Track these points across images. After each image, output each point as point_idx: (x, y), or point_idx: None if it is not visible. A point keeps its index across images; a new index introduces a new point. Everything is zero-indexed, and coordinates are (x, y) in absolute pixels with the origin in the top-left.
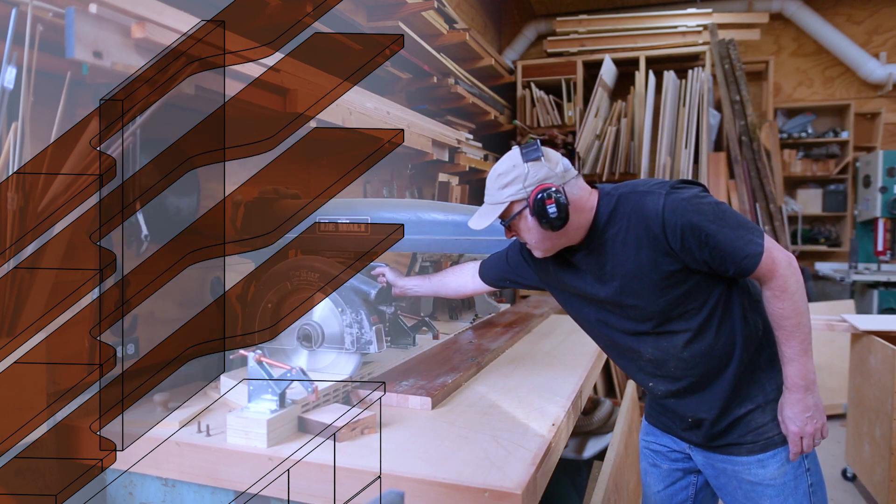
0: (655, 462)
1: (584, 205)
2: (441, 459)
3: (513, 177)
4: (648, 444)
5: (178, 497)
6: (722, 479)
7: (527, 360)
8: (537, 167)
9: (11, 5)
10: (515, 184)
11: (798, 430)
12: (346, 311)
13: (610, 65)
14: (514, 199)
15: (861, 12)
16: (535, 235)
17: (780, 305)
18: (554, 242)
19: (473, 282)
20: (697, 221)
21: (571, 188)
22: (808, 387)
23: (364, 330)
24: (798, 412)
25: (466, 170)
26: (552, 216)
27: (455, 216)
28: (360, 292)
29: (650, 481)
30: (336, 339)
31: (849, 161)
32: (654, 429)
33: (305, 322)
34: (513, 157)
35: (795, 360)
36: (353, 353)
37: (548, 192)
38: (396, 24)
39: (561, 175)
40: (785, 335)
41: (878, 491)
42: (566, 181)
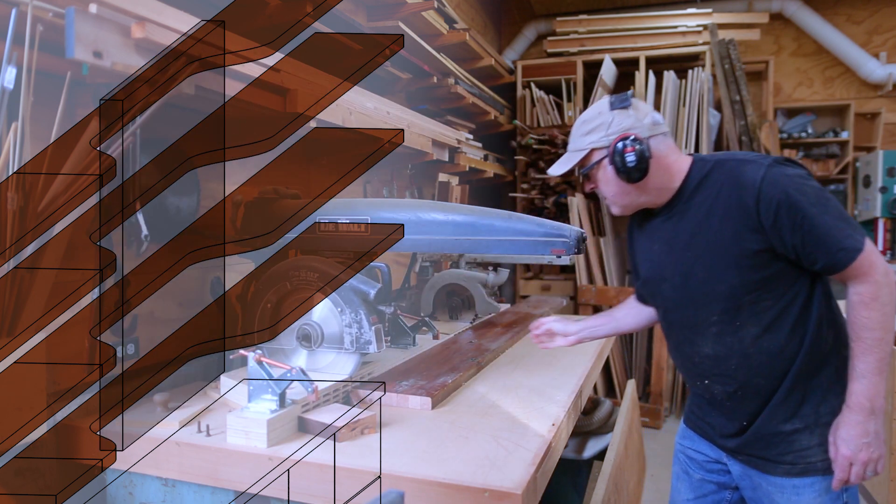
0: (688, 469)
1: (669, 163)
2: (441, 459)
3: (597, 123)
4: (684, 449)
5: (178, 497)
6: (759, 492)
7: (527, 360)
8: (623, 115)
9: (11, 5)
10: (598, 131)
11: (850, 455)
12: (345, 311)
13: (610, 65)
14: (596, 146)
15: (861, 12)
16: (612, 188)
17: (867, 315)
18: (633, 199)
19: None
20: (797, 200)
21: (658, 143)
22: (873, 410)
23: (363, 330)
24: (855, 435)
25: (466, 170)
26: (630, 165)
27: (455, 216)
28: (360, 292)
29: (681, 487)
30: (335, 338)
31: (849, 161)
32: (693, 433)
33: (305, 322)
34: (600, 104)
35: (867, 377)
36: (352, 353)
37: (629, 141)
38: (396, 24)
39: (648, 127)
40: (863, 348)
41: (877, 491)
42: (653, 134)
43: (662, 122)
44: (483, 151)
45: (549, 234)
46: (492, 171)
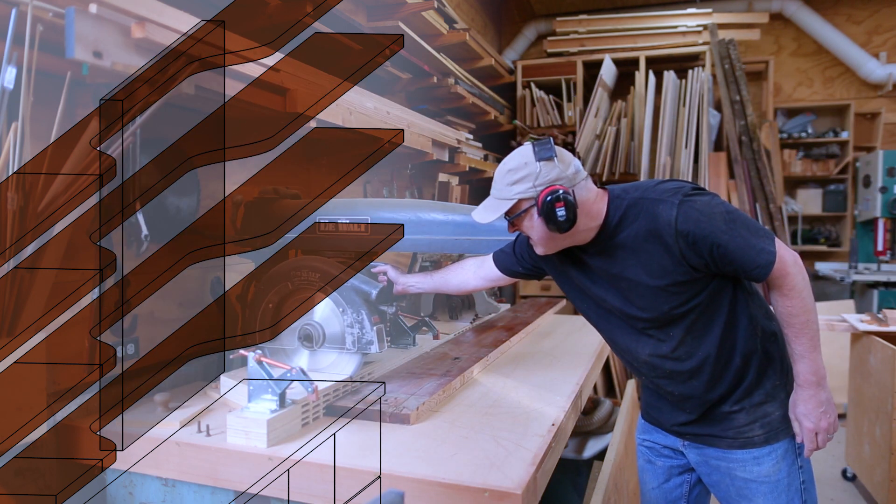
0: (650, 459)
1: (591, 207)
2: (441, 459)
3: (523, 174)
4: (643, 442)
5: (178, 497)
6: (714, 476)
7: (527, 360)
8: (549, 167)
9: (11, 5)
10: (525, 182)
11: (813, 427)
12: (347, 311)
13: (610, 65)
14: (523, 196)
15: (861, 12)
16: (539, 233)
17: (790, 304)
18: (558, 242)
19: (475, 278)
20: (710, 232)
21: (581, 190)
22: (819, 382)
23: (365, 330)
24: (812, 408)
25: (466, 170)
26: (560, 219)
27: (455, 216)
28: (361, 292)
29: (646, 478)
30: (337, 339)
31: (849, 161)
32: (649, 426)
33: (306, 322)
34: (525, 153)
35: (806, 356)
36: (354, 353)
37: (557, 195)
38: (396, 24)
39: (571, 177)
40: (794, 332)
41: (877, 491)
42: (576, 183)
43: (582, 168)
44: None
45: None
46: (492, 171)
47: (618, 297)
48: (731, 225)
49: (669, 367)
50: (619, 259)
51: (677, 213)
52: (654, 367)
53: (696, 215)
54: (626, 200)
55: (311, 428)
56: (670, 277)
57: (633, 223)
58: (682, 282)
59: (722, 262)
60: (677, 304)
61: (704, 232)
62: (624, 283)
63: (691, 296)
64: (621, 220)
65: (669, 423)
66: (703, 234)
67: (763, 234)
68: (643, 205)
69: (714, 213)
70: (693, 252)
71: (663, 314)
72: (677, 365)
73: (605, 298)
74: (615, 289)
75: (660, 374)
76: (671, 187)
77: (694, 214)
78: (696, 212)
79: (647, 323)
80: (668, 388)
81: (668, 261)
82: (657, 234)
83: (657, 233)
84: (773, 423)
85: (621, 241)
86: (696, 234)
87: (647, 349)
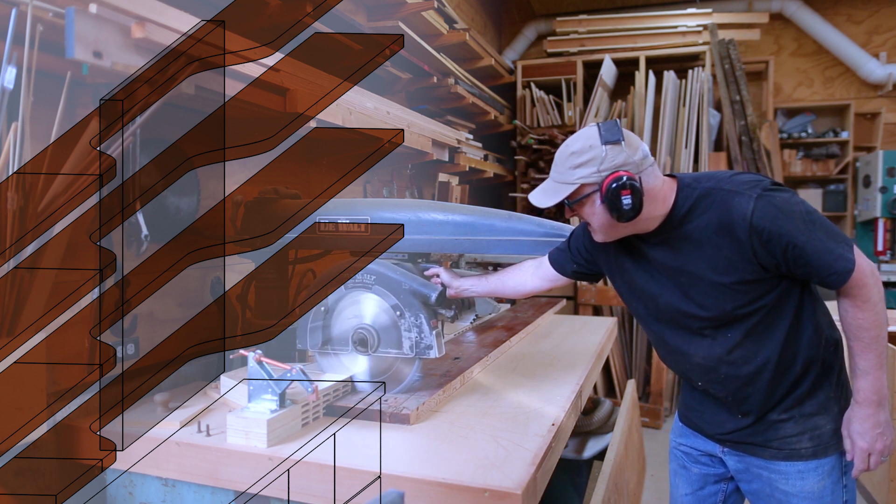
0: (685, 464)
1: (658, 195)
2: (441, 459)
3: (587, 157)
4: (679, 446)
5: (178, 497)
6: (755, 484)
7: (527, 360)
8: (615, 151)
9: (11, 5)
10: (589, 166)
11: (867, 447)
12: (405, 315)
13: (610, 65)
14: (586, 181)
15: (861, 12)
16: (600, 221)
17: (862, 316)
18: (619, 230)
19: (533, 278)
20: (787, 230)
21: (647, 177)
22: (880, 402)
23: (424, 334)
24: (868, 427)
25: (466, 170)
26: (625, 207)
27: (455, 216)
28: (420, 295)
29: (679, 483)
30: (393, 343)
31: (849, 161)
32: (687, 430)
33: (360, 326)
34: (590, 135)
35: (871, 373)
36: (411, 357)
37: (623, 182)
38: (396, 24)
39: (639, 162)
40: (862, 347)
41: (878, 491)
42: (643, 169)
43: (649, 154)
44: (483, 151)
45: (549, 234)
46: (492, 171)
47: (675, 294)
48: (811, 226)
49: (724, 371)
50: (682, 251)
51: (754, 207)
52: (708, 370)
53: (773, 212)
54: (698, 190)
55: (311, 428)
56: (737, 275)
57: (704, 214)
58: (748, 280)
59: (795, 265)
60: (742, 303)
61: (781, 230)
62: (685, 277)
63: (757, 296)
64: (690, 210)
65: (712, 429)
66: (780, 232)
67: (842, 240)
68: (717, 195)
69: (794, 211)
70: (765, 250)
71: (725, 313)
72: (733, 369)
73: (660, 294)
74: (673, 283)
75: (712, 378)
76: (748, 179)
77: (772, 210)
78: (774, 208)
79: (704, 322)
80: (720, 392)
81: (736, 257)
82: (729, 227)
83: (729, 226)
84: (822, 437)
85: (688, 232)
86: (771, 231)
87: (702, 351)
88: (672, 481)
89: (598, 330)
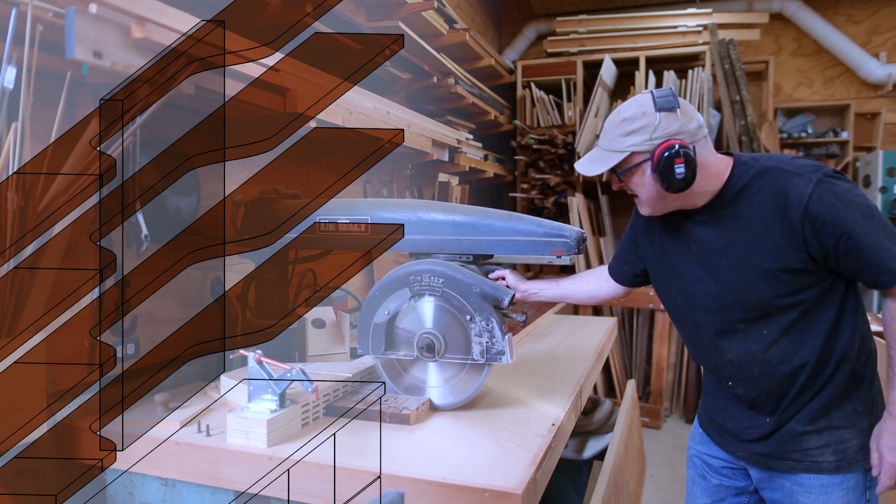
0: (704, 474)
1: (709, 167)
2: (441, 459)
3: (640, 125)
4: (698, 454)
5: (178, 497)
6: (777, 493)
7: (527, 360)
8: (670, 118)
9: (11, 5)
10: (641, 133)
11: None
12: (475, 319)
13: (610, 65)
14: (637, 149)
15: (861, 12)
16: (649, 192)
17: None
18: (668, 203)
19: (608, 285)
20: (844, 220)
21: (701, 148)
22: None
23: (496, 339)
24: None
25: (466, 170)
26: (678, 177)
27: (455, 216)
28: (492, 298)
29: (697, 492)
30: (461, 349)
31: (849, 161)
32: (710, 439)
33: (426, 331)
34: (643, 102)
35: None
36: (481, 363)
37: (676, 150)
38: (396, 24)
39: (693, 132)
40: None
41: None
42: (697, 140)
43: (704, 125)
44: (483, 151)
45: (549, 235)
46: (492, 171)
47: (713, 279)
48: (869, 220)
49: (758, 370)
50: (728, 231)
51: (812, 192)
52: (741, 367)
53: (832, 199)
54: (755, 168)
55: (311, 428)
56: (782, 262)
57: (759, 194)
58: (794, 269)
59: (846, 258)
60: (782, 293)
61: (837, 219)
62: (727, 259)
63: (799, 288)
64: (744, 189)
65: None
66: (835, 221)
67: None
68: (775, 175)
69: (853, 202)
70: (816, 239)
71: (764, 301)
72: (768, 369)
73: (698, 279)
74: (714, 266)
75: (745, 377)
76: (810, 163)
77: (830, 198)
78: (833, 195)
79: (740, 313)
80: (751, 394)
81: (785, 243)
82: (783, 209)
83: (784, 208)
84: (847, 452)
85: (738, 211)
86: (826, 218)
87: (735, 346)
88: (689, 489)
89: (598, 330)
